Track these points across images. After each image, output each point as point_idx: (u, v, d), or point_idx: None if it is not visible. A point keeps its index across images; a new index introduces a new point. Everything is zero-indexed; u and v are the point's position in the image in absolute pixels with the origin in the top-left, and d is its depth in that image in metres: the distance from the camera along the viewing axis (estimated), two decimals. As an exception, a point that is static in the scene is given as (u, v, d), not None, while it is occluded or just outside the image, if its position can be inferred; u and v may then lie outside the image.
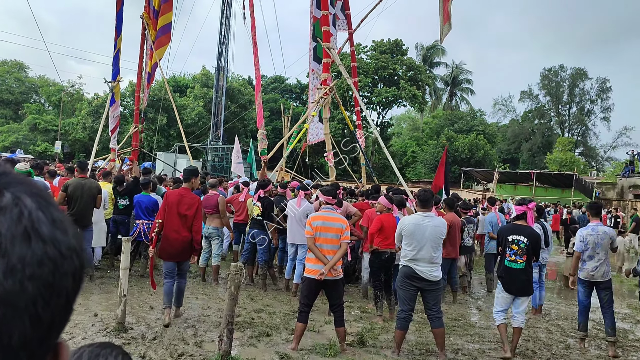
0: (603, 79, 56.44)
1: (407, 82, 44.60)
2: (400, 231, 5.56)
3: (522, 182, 36.52)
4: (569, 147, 48.11)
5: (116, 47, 14.94)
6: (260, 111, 12.86)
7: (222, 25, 33.08)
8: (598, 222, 6.66)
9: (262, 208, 8.23)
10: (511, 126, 59.36)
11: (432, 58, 61.44)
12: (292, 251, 8.18)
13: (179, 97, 42.94)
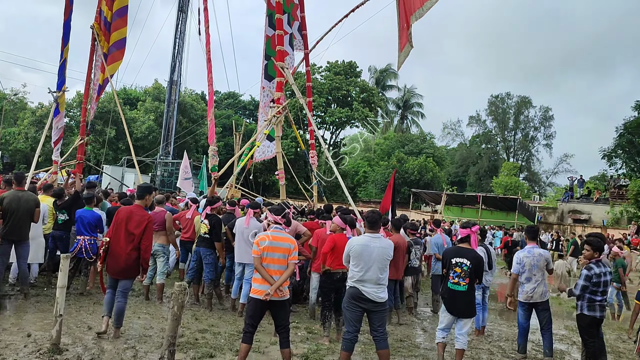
0: (546, 108, 59.19)
1: (360, 103, 45.31)
2: (348, 252, 5.57)
3: (469, 205, 37.46)
4: (513, 171, 49.86)
5: (63, 56, 14.46)
6: (212, 127, 12.70)
7: (176, 38, 32.77)
8: (534, 245, 6.95)
9: (209, 226, 8.08)
10: (459, 150, 61.08)
11: (385, 81, 62.73)
12: (239, 270, 8.06)
13: (129, 110, 42.07)
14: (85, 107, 16.57)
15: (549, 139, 59.46)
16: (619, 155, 38.67)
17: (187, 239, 9.24)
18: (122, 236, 6.12)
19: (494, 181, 47.75)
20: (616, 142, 38.30)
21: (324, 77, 46.47)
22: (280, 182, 11.08)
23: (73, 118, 40.89)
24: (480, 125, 61.31)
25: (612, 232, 27.60)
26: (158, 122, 38.77)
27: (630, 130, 36.85)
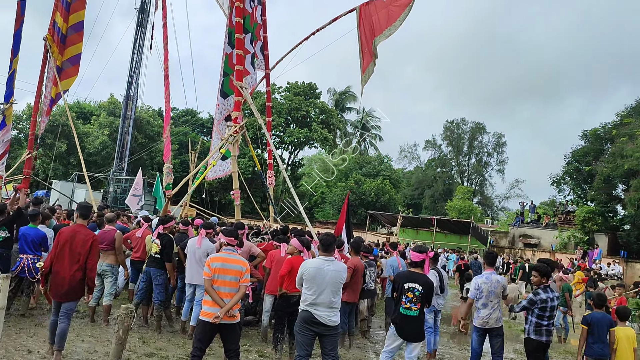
0: (499, 134, 61.04)
1: (319, 124, 45.60)
2: (302, 275, 5.53)
3: (423, 227, 38.01)
4: (467, 195, 51.02)
5: (11, 67, 14.03)
6: (167, 145, 12.51)
7: (134, 53, 32.29)
8: (492, 271, 6.98)
9: (160, 245, 7.89)
10: (415, 173, 62.15)
11: (344, 103, 63.48)
12: (189, 292, 7.87)
13: (83, 124, 41.01)
14: (34, 120, 16.04)
15: (501, 165, 61.29)
16: (567, 182, 40.20)
17: (137, 259, 8.97)
18: (67, 257, 5.92)
19: (449, 204, 48.69)
20: (564, 170, 39.83)
21: (283, 97, 46.64)
22: (236, 201, 10.95)
23: (22, 131, 39.50)
24: (436, 149, 62.68)
25: (560, 257, 28.49)
26: (112, 138, 37.90)
27: (578, 158, 38.42)
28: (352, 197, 45.89)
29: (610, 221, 33.15)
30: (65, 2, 15.00)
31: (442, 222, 35.48)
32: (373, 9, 13.20)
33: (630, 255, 29.43)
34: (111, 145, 37.30)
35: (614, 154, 30.86)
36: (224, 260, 5.28)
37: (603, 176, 31.34)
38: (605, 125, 37.05)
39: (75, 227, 6.17)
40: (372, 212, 39.84)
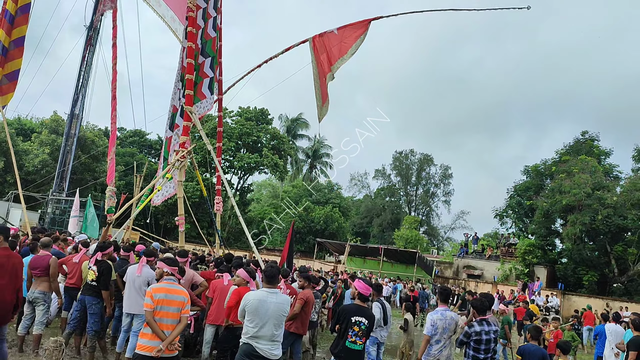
0: (446, 166, 62.65)
1: (269, 150, 45.53)
2: (244, 307, 5.37)
3: (371, 256, 38.26)
4: (414, 225, 51.83)
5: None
6: (112, 167, 12.16)
7: (81, 70, 31.40)
8: (446, 307, 6.90)
9: (97, 272, 7.54)
10: (365, 201, 62.76)
11: (296, 130, 63.82)
12: (127, 321, 7.51)
13: (22, 142, 39.37)
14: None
15: (447, 196, 62.72)
16: (509, 215, 41.55)
17: (72, 285, 8.55)
18: (7, 281, 5.74)
19: (396, 234, 49.28)
20: (507, 203, 41.20)
21: (234, 121, 46.41)
22: (180, 228, 10.67)
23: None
24: (385, 178, 63.62)
25: (501, 288, 29.19)
26: (54, 157, 36.49)
27: (520, 192, 39.87)
28: (300, 225, 45.82)
29: (549, 254, 34.41)
30: (9, 15, 14.47)
31: (389, 251, 35.81)
32: (327, 41, 13.38)
33: (567, 288, 30.54)
34: (52, 164, 35.87)
35: (553, 190, 32.20)
36: (167, 291, 5.10)
37: (543, 211, 32.58)
38: (546, 161, 38.72)
39: (5, 252, 5.90)
40: (321, 240, 39.81)
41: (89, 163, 38.68)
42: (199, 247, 26.91)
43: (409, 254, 34.37)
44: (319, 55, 13.52)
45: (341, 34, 13.40)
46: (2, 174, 36.05)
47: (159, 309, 5.00)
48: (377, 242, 49.40)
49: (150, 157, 51.17)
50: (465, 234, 42.65)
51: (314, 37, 13.62)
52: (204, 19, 12.50)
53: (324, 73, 13.58)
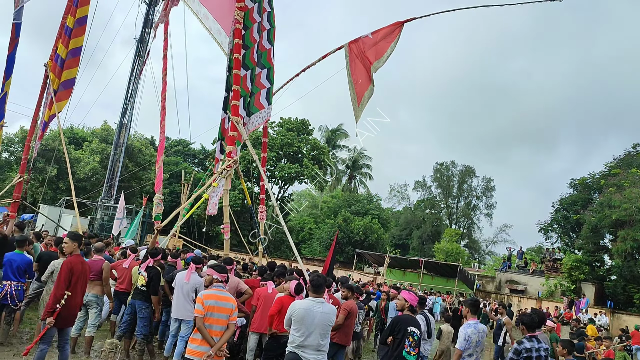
0: (488, 178, 61.53)
1: (310, 160, 45.86)
2: (290, 315, 5.48)
3: (410, 269, 37.87)
4: (455, 238, 51.05)
5: (3, 89, 14.07)
6: (160, 175, 12.48)
7: (130, 82, 32.52)
8: (477, 320, 6.82)
9: (147, 278, 7.80)
10: (404, 213, 62.22)
11: (336, 140, 64.03)
12: (174, 327, 7.72)
13: (74, 150, 40.90)
14: (28, 145, 16.01)
15: (489, 209, 61.51)
16: (554, 230, 40.43)
17: (122, 290, 8.87)
18: (80, 288, 6.21)
19: (436, 246, 48.65)
20: (553, 217, 40.11)
21: (276, 132, 47.01)
22: (225, 236, 10.89)
23: (13, 154, 39.31)
24: (425, 190, 62.96)
25: (546, 304, 28.42)
26: (103, 164, 37.78)
27: (566, 206, 38.77)
28: (340, 235, 45.81)
29: (597, 271, 33.23)
30: (67, 28, 15.20)
31: (429, 264, 35.39)
32: (362, 45, 13.63)
33: (616, 306, 29.41)
34: (101, 172, 37.15)
35: (601, 204, 31.18)
36: (217, 298, 5.24)
37: (591, 225, 31.57)
38: (594, 175, 37.58)
39: (81, 259, 6.39)
40: (360, 251, 39.68)
41: (136, 171, 39.81)
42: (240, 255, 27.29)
43: (449, 267, 33.88)
44: (354, 59, 13.78)
45: (375, 37, 13.65)
46: (55, 181, 37.52)
47: (209, 316, 5.15)
48: (417, 255, 48.88)
49: (193, 165, 52.27)
50: (509, 247, 41.73)
51: (349, 42, 13.91)
52: (258, 32, 12.84)
53: (360, 75, 13.81)
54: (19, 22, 14.26)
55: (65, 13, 15.34)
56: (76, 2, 15.22)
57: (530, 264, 37.53)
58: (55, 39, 15.39)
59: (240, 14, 12.08)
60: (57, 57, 15.41)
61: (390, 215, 60.25)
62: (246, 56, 12.81)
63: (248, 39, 12.79)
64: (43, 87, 15.52)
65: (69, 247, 6.33)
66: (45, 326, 6.06)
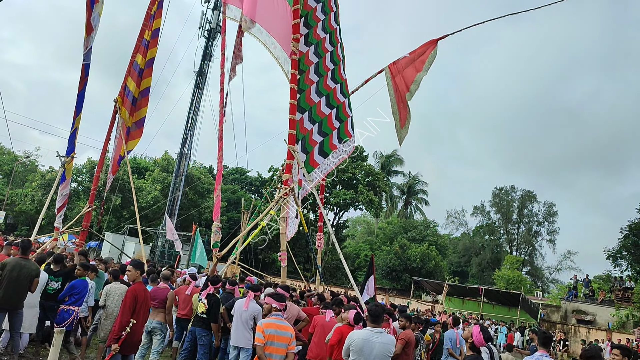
0: (550, 203, 59.32)
1: (365, 186, 45.75)
2: (349, 346, 5.41)
3: (470, 297, 36.72)
4: (516, 265, 49.27)
5: (74, 125, 14.92)
6: (218, 203, 12.78)
7: (190, 113, 33.71)
8: (544, 353, 6.47)
9: (207, 305, 7.93)
10: (462, 239, 60.76)
11: (390, 166, 63.71)
12: (234, 354, 7.77)
13: (137, 179, 42.58)
14: (97, 176, 16.82)
15: (552, 235, 59.11)
16: (623, 257, 38.25)
17: (183, 317, 9.05)
18: (142, 315, 6.55)
19: (496, 274, 47.10)
20: (621, 243, 38.04)
21: (331, 159, 47.28)
22: (282, 263, 10.96)
23: (81, 184, 41.29)
24: (484, 216, 61.37)
25: (618, 336, 26.82)
26: (164, 193, 39.08)
27: (636, 232, 36.71)
28: (396, 263, 45.19)
29: (673, 301, 31.13)
30: (138, 68, 16.07)
31: (490, 292, 34.21)
32: (400, 65, 13.71)
33: (695, 339, 27.38)
34: (162, 200, 38.41)
35: (674, 229, 29.40)
36: (277, 327, 5.27)
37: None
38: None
39: (143, 286, 6.76)
40: (417, 279, 38.91)
41: (195, 199, 40.91)
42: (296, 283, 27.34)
43: (511, 296, 32.60)
44: (394, 78, 13.86)
45: (412, 56, 13.75)
46: (119, 209, 39.06)
47: (269, 344, 5.18)
48: (477, 282, 47.44)
49: (250, 193, 53.22)
50: (574, 276, 39.78)
51: (389, 65, 14.01)
52: (333, 61, 13.00)
53: (401, 95, 13.79)
54: (88, 63, 15.13)
55: (134, 52, 16.23)
56: (146, 43, 16.08)
57: (598, 292, 35.61)
58: (124, 75, 16.25)
59: (296, 46, 12.34)
60: (129, 94, 16.27)
61: (448, 242, 59.01)
62: (320, 83, 12.94)
63: (321, 67, 12.94)
64: (112, 121, 16.35)
65: (132, 274, 6.56)
66: (111, 352, 6.26)
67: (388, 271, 45.45)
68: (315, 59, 12.94)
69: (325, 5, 13.21)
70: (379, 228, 58.31)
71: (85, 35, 14.99)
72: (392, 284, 45.28)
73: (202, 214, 42.46)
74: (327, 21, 13.25)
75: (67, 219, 16.56)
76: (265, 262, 42.94)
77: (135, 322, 6.24)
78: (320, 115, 12.78)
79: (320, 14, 13.15)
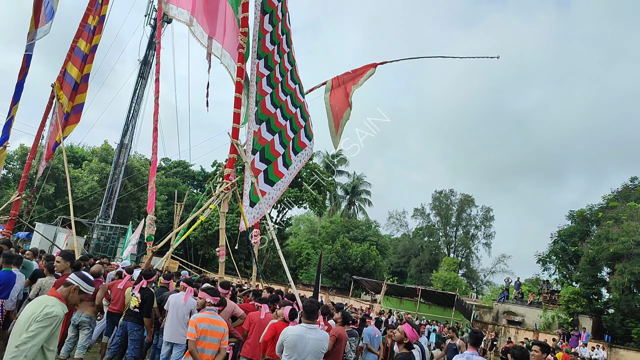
0: (487, 208, 61.50)
1: (309, 185, 45.86)
2: (282, 342, 5.40)
3: (407, 297, 37.52)
4: (453, 267, 50.77)
5: (10, 113, 14.39)
6: (152, 195, 12.48)
7: (132, 103, 32.76)
8: (474, 351, 6.70)
9: (141, 300, 7.72)
10: (402, 240, 62.00)
11: (336, 166, 64.19)
12: (166, 350, 7.58)
13: (73, 169, 40.95)
14: (29, 163, 16.05)
15: (488, 238, 61.36)
16: (552, 261, 40.17)
17: (115, 311, 8.76)
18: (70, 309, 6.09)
19: (434, 275, 48.34)
20: (551, 248, 39.91)
21: (276, 156, 47.10)
22: (220, 259, 10.81)
23: (11, 171, 39.30)
24: (424, 218, 62.92)
25: (543, 336, 28.11)
26: (101, 184, 37.79)
27: (564, 237, 38.60)
28: (337, 261, 45.56)
29: (595, 304, 32.96)
30: (82, 54, 15.51)
31: (426, 292, 35.06)
32: (342, 77, 14.55)
33: (614, 340, 29.09)
34: (99, 192, 37.13)
35: (599, 237, 31.09)
36: (209, 322, 5.20)
37: (588, 258, 31.42)
38: (592, 207, 37.52)
39: None
40: (357, 278, 39.36)
41: (135, 191, 39.80)
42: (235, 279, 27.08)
43: (447, 297, 33.54)
44: (334, 89, 14.62)
45: (354, 73, 14.67)
46: (52, 199, 37.44)
47: (202, 339, 5.10)
48: (414, 283, 48.54)
49: (192, 187, 52.28)
50: (507, 278, 41.42)
51: (332, 79, 14.89)
52: (290, 62, 13.35)
53: (338, 105, 14.56)
54: (30, 54, 14.67)
55: (76, 36, 15.60)
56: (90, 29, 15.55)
57: (528, 295, 37.19)
58: (64, 60, 15.59)
59: (243, 39, 12.21)
60: (70, 80, 15.64)
61: (389, 243, 60.05)
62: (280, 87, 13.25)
63: (282, 68, 13.23)
64: (49, 106, 15.65)
65: (61, 265, 6.30)
66: None
67: (329, 270, 45.77)
68: (278, 59, 13.22)
69: (282, 6, 13.33)
70: (321, 227, 58.62)
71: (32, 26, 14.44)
72: (332, 282, 45.64)
73: (142, 207, 41.35)
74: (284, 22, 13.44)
75: (-6, 208, 15.67)
76: (205, 257, 42.31)
77: None
78: (278, 126, 13.11)
79: (279, 14, 13.24)
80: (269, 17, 12.87)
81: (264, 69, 12.89)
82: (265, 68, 12.92)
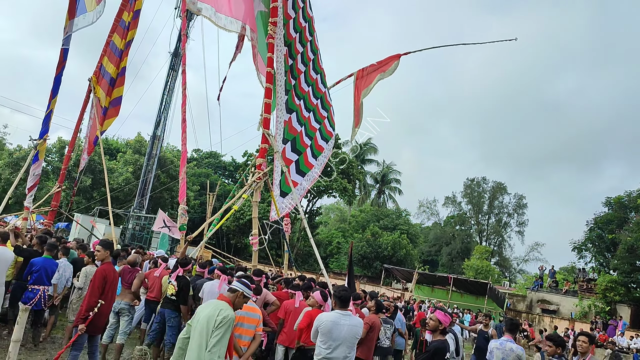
0: (520, 196, 60.46)
1: (339, 174, 45.85)
2: (317, 328, 5.48)
3: (439, 285, 37.35)
4: (485, 255, 50.20)
5: (49, 107, 14.73)
6: (183, 186, 12.67)
7: (164, 95, 33.19)
8: (509, 338, 6.72)
9: (177, 287, 7.90)
10: (433, 229, 61.57)
11: (365, 155, 63.99)
12: (203, 336, 7.78)
13: (109, 161, 41.87)
14: (68, 156, 16.50)
15: (521, 226, 60.38)
16: (588, 249, 39.35)
17: (152, 299, 8.98)
18: (110, 296, 6.43)
19: (466, 263, 47.93)
20: (587, 236, 39.07)
21: (306, 145, 47.20)
22: (254, 247, 10.96)
23: (50, 163, 40.39)
24: (455, 206, 62.29)
25: (580, 326, 27.64)
26: (136, 175, 38.54)
27: (601, 225, 37.73)
28: (368, 250, 45.58)
29: (634, 292, 32.18)
30: (117, 49, 15.82)
31: (458, 281, 34.83)
32: (366, 72, 14.21)
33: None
34: (134, 182, 37.88)
35: (638, 223, 30.31)
36: (245, 309, 5.30)
37: (627, 245, 30.67)
38: (630, 193, 36.55)
39: (112, 267, 6.64)
40: (388, 267, 39.35)
41: (167, 182, 40.49)
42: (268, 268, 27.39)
43: (479, 285, 33.27)
44: (358, 80, 14.36)
45: (378, 65, 14.23)
46: (89, 190, 38.39)
47: (238, 326, 5.21)
48: (446, 271, 48.23)
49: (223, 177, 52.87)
50: (541, 266, 40.78)
51: (358, 70, 14.44)
52: (312, 51, 13.34)
53: (359, 97, 14.33)
54: (67, 47, 14.95)
55: (111, 32, 15.92)
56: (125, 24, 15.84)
57: (563, 283, 36.58)
58: (100, 55, 15.92)
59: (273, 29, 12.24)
60: (106, 75, 15.99)
61: (420, 231, 59.70)
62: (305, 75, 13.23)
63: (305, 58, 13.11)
64: (86, 100, 16.03)
65: (101, 254, 6.50)
66: (77, 332, 6.21)
67: (360, 258, 45.85)
68: (301, 49, 13.15)
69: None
70: (351, 216, 58.64)
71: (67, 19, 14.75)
72: (363, 271, 45.71)
73: (174, 197, 42.03)
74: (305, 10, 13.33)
75: (35, 199, 16.19)
76: (238, 247, 42.86)
77: (103, 303, 6.18)
78: (303, 118, 13.16)
79: (291, 12, 13.17)
80: (291, 3, 12.85)
81: (288, 58, 12.90)
82: (289, 57, 12.92)
